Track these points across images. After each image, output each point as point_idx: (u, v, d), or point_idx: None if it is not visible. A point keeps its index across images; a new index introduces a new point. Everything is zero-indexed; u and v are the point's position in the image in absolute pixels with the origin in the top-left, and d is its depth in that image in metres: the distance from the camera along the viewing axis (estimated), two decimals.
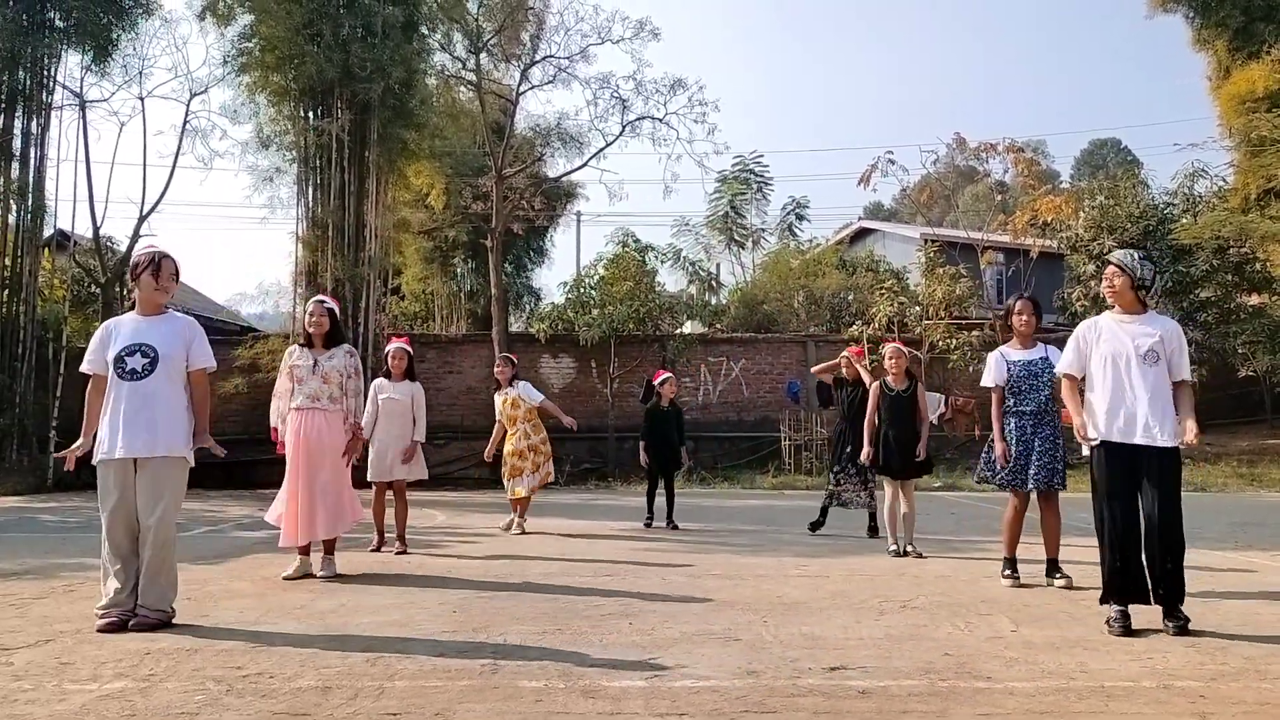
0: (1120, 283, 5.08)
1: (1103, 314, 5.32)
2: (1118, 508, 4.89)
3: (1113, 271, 5.12)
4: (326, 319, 6.73)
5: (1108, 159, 53.19)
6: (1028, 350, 6.50)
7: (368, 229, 19.35)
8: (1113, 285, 5.12)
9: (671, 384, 10.64)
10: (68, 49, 18.35)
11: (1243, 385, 22.36)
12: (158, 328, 5.11)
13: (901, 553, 7.73)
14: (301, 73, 17.98)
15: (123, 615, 4.84)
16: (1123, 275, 5.07)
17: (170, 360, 5.05)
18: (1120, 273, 5.08)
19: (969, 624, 4.99)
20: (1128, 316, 5.11)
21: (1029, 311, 6.53)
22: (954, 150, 23.89)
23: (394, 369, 8.32)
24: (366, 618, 5.15)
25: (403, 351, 8.41)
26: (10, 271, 17.63)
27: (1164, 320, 5.23)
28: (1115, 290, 5.12)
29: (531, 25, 22.32)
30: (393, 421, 8.15)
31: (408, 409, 8.20)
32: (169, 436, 4.99)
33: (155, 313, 5.19)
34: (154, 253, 5.18)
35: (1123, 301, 5.12)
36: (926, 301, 21.00)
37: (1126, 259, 5.16)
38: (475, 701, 3.54)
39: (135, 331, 5.08)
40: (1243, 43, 20.89)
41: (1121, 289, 5.09)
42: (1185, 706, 3.51)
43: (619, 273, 21.16)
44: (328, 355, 6.67)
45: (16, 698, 3.58)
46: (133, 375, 4.96)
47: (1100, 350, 5.08)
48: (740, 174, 34.28)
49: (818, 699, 3.59)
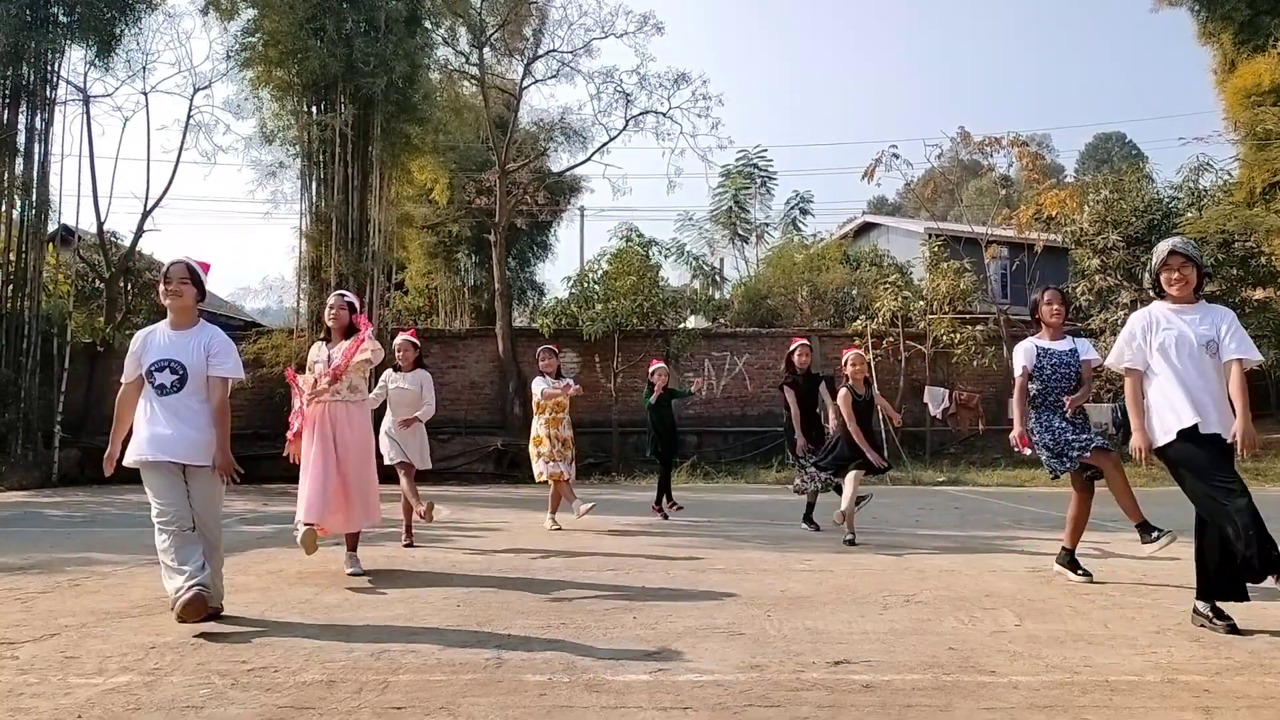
0: (1191, 274, 4.85)
1: (1154, 305, 5.03)
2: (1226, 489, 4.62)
3: (1183, 262, 4.86)
4: (345, 312, 6.69)
5: (1112, 153, 53.04)
6: (1058, 341, 6.37)
7: (371, 224, 19.37)
8: (1185, 277, 4.85)
9: (663, 374, 10.74)
10: (71, 44, 18.36)
11: (1248, 380, 22.28)
12: (187, 342, 5.09)
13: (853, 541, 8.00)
14: (305, 67, 17.99)
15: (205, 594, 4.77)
16: (1192, 266, 4.86)
17: (198, 376, 5.05)
18: (1190, 263, 4.86)
19: (973, 618, 4.99)
20: (1183, 307, 4.90)
21: (1059, 301, 6.38)
22: (958, 144, 23.75)
23: (403, 361, 8.38)
24: (371, 612, 5.16)
25: (408, 343, 8.48)
26: (15, 267, 17.66)
27: (1220, 309, 4.98)
28: (1186, 281, 4.86)
29: (534, 19, 22.32)
30: (399, 410, 8.22)
31: (416, 398, 8.26)
32: (205, 447, 4.99)
33: (186, 323, 5.16)
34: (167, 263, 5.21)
35: (1187, 293, 4.89)
36: (930, 296, 20.97)
37: (1192, 248, 4.96)
38: (479, 695, 3.55)
39: (166, 346, 5.06)
40: (1249, 36, 20.82)
41: (1192, 280, 4.86)
42: (1189, 701, 3.50)
43: (622, 267, 21.16)
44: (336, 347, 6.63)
45: (22, 692, 3.59)
46: (161, 390, 4.97)
47: (1159, 341, 4.84)
48: (744, 168, 34.28)
49: (821, 693, 3.59)
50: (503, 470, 18.47)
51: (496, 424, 20.04)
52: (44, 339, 17.72)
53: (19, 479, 15.75)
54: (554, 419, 9.57)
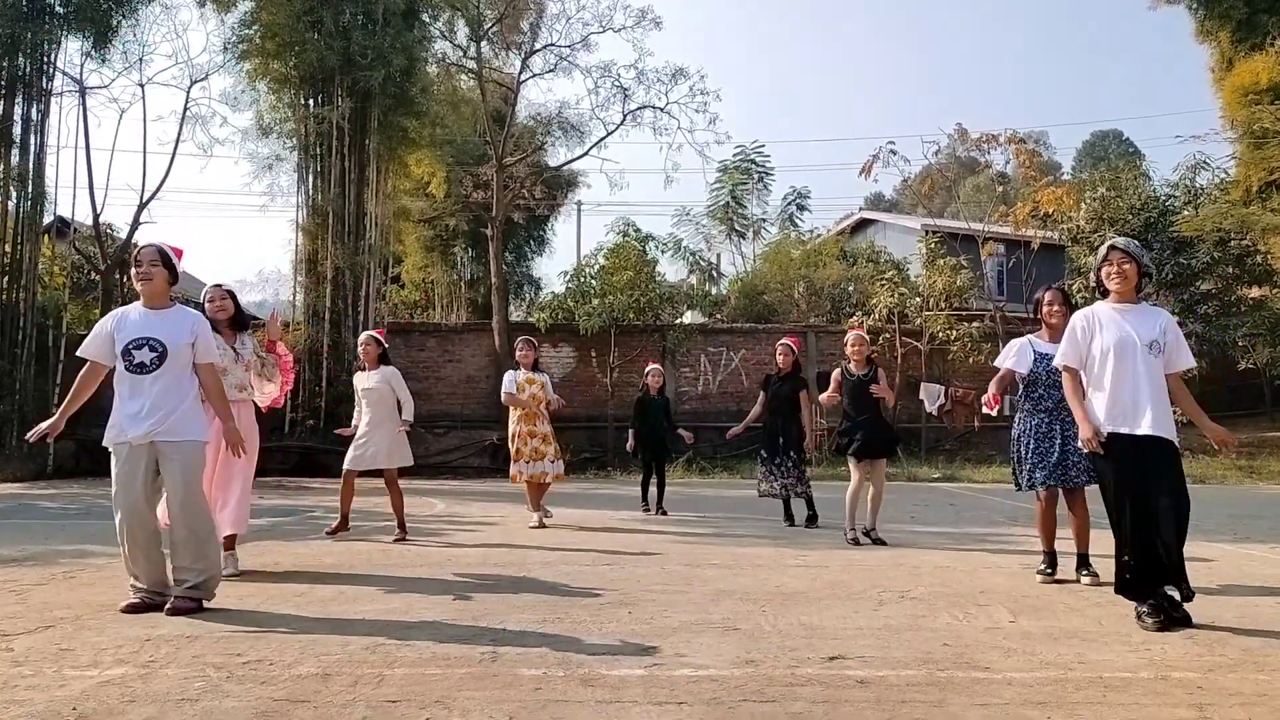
0: (1130, 270, 4.92)
1: (1096, 304, 5.12)
2: (1123, 502, 4.75)
3: (1122, 258, 4.93)
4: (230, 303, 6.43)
5: (1109, 150, 53.11)
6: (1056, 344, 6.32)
7: (368, 217, 19.36)
8: (1124, 272, 4.92)
9: (656, 375, 10.70)
10: (68, 35, 18.33)
11: (1243, 378, 22.37)
12: (166, 321, 5.10)
13: (859, 540, 7.85)
14: (302, 60, 17.97)
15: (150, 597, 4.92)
16: (1131, 262, 4.93)
17: (178, 354, 5.05)
18: (1129, 259, 4.93)
19: (967, 614, 5.00)
20: (1126, 306, 4.98)
21: (1060, 302, 6.25)
22: (955, 141, 23.78)
23: (365, 357, 8.31)
24: (366, 605, 5.16)
25: (371, 339, 8.41)
26: (10, 258, 17.63)
27: (1160, 311, 5.10)
28: (1125, 277, 4.92)
29: (532, 13, 22.28)
30: (373, 411, 8.13)
31: (386, 395, 8.16)
32: (184, 422, 5.01)
33: (159, 305, 5.16)
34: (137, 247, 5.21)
35: (1126, 289, 4.96)
36: (927, 292, 21.00)
37: (1134, 246, 5.03)
38: (474, 689, 3.55)
39: (143, 325, 5.06)
40: (1246, 34, 20.88)
41: (1131, 276, 4.93)
42: (1183, 698, 3.51)
43: (619, 262, 21.15)
44: (239, 342, 6.45)
45: (16, 683, 3.59)
46: (141, 369, 4.96)
47: (1102, 341, 4.91)
48: (741, 164, 34.24)
49: (816, 688, 3.60)
50: (498, 464, 18.42)
51: (492, 418, 20.00)
52: (39, 331, 17.70)
53: (14, 471, 15.74)
54: (529, 414, 9.27)
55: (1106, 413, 4.85)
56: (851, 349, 8.24)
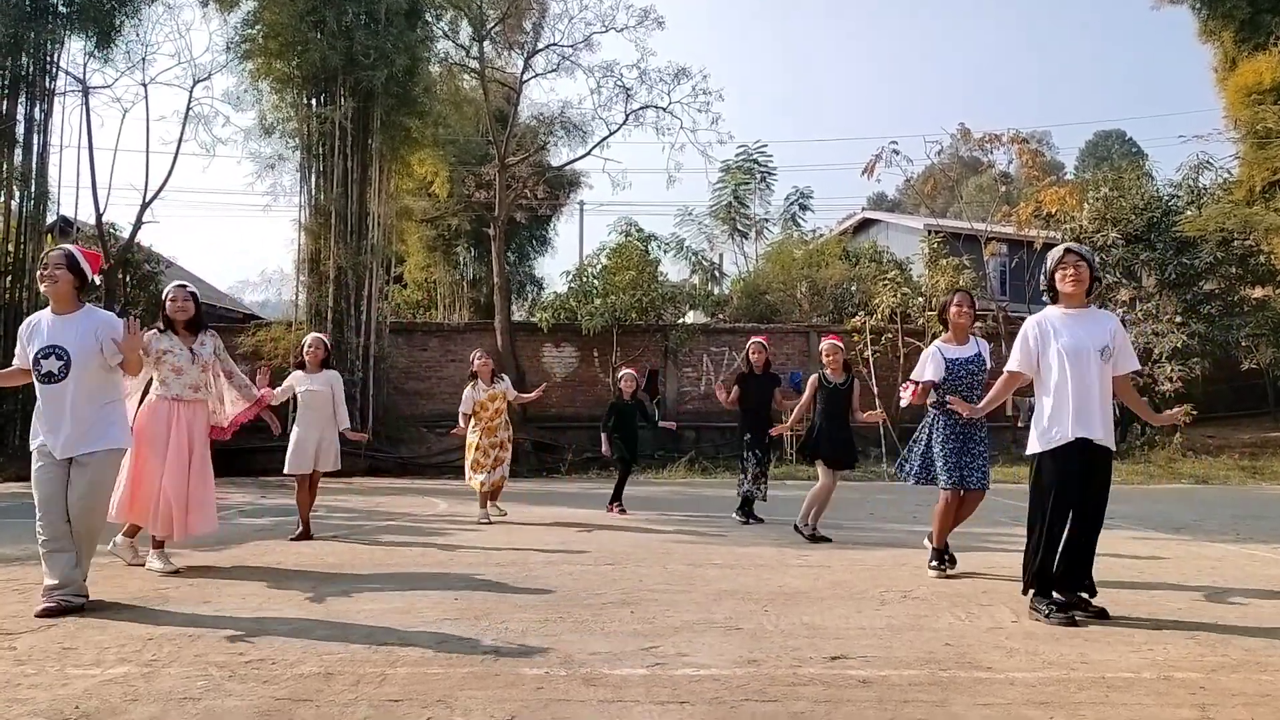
0: (1084, 272, 4.95)
1: (1047, 310, 5.12)
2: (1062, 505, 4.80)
3: (1076, 260, 4.96)
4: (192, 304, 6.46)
5: (1112, 150, 53.00)
6: (963, 346, 6.37)
7: (370, 217, 19.35)
8: (1079, 275, 4.94)
9: (629, 380, 10.83)
10: (71, 34, 18.35)
11: (1246, 378, 22.36)
12: (72, 327, 5.07)
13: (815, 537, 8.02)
14: (305, 60, 17.97)
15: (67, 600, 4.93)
16: (1085, 265, 4.96)
17: (85, 360, 5.03)
18: (1083, 262, 4.97)
19: (970, 614, 5.00)
20: (1076, 311, 4.99)
21: (968, 304, 6.43)
22: (958, 141, 23.77)
23: (309, 359, 8.23)
24: (368, 605, 5.16)
25: (319, 341, 8.38)
26: (14, 257, 17.65)
27: (1108, 315, 5.13)
28: (1080, 279, 4.95)
29: (535, 13, 22.30)
30: (314, 413, 8.09)
31: (328, 400, 8.15)
32: (100, 432, 5.05)
33: (67, 309, 5.14)
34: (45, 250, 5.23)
35: (1079, 293, 4.97)
36: (929, 293, 20.97)
37: (1086, 250, 5.08)
38: (476, 689, 3.55)
39: (50, 332, 5.05)
40: (1250, 34, 20.83)
41: (1084, 279, 4.96)
42: (1185, 698, 3.51)
43: (622, 262, 21.15)
44: (199, 343, 6.45)
45: (19, 682, 3.59)
46: (49, 378, 4.97)
47: (1057, 346, 4.91)
48: (744, 164, 34.21)
49: (819, 688, 3.60)
50: None
51: None
52: None
53: (17, 470, 15.70)
54: (489, 427, 9.57)
55: (1072, 417, 4.81)
56: (828, 357, 8.32)
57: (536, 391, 10.01)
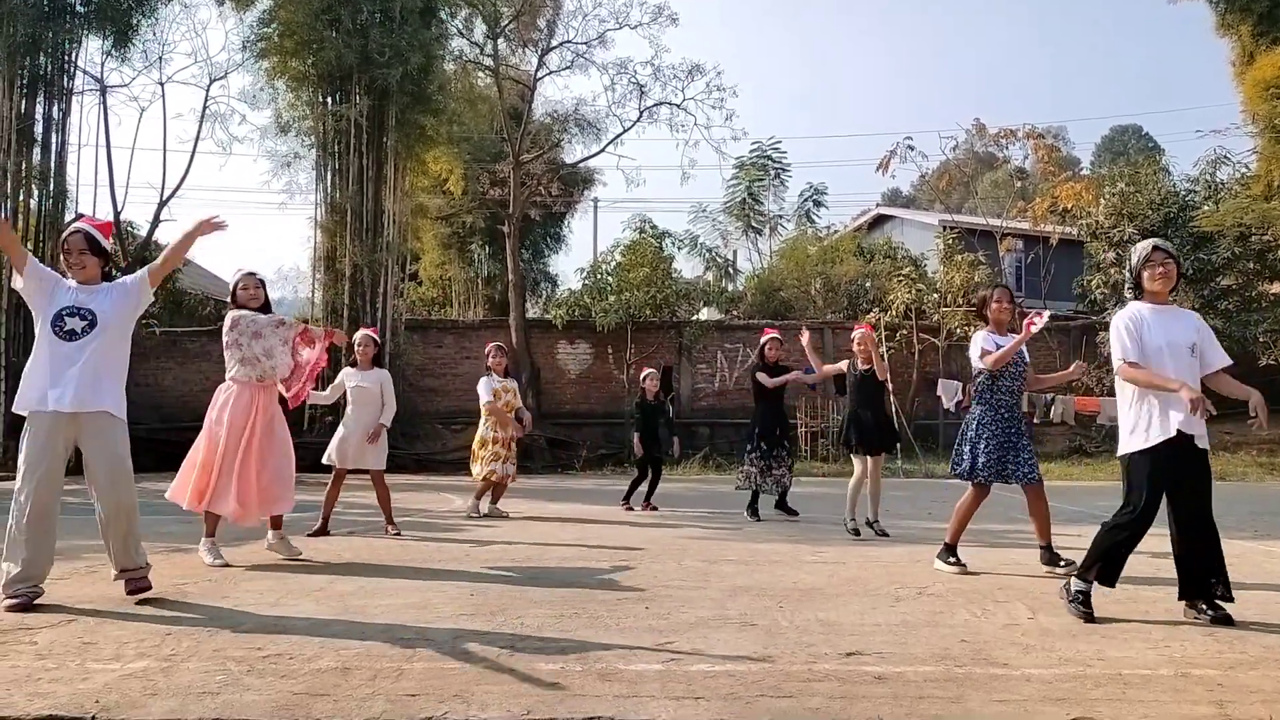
0: (1173, 271, 4.90)
1: (1137, 304, 4.99)
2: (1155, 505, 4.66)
3: (1164, 257, 4.89)
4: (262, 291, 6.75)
5: (1129, 145, 52.59)
6: (1006, 339, 6.34)
7: (386, 215, 19.42)
8: (1168, 273, 4.88)
9: (654, 379, 10.87)
10: (88, 34, 18.48)
11: (1264, 374, 22.14)
12: (101, 297, 5.08)
13: (859, 530, 7.99)
14: (320, 58, 18.04)
15: (33, 592, 4.82)
16: (1173, 262, 4.90)
17: (109, 326, 5.01)
18: (1170, 259, 4.90)
19: (985, 611, 4.99)
20: (1162, 307, 4.93)
21: (1008, 299, 6.42)
22: (973, 136, 23.78)
23: (360, 356, 8.29)
24: (385, 600, 5.18)
25: (369, 339, 8.40)
26: (32, 255, 17.76)
27: (1190, 313, 5.07)
28: (1169, 277, 4.88)
29: (549, 10, 22.36)
30: (363, 410, 8.14)
31: (377, 397, 8.19)
32: (111, 393, 4.98)
33: (93, 284, 5.15)
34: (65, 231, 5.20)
35: (1166, 291, 4.92)
36: (945, 289, 20.92)
37: (1173, 248, 5.00)
38: (493, 684, 3.56)
39: (78, 297, 5.03)
40: (1268, 27, 20.64)
41: (1173, 277, 4.90)
42: (1203, 695, 3.50)
43: (636, 259, 21.17)
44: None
45: (40, 677, 3.62)
46: (70, 336, 4.91)
47: (1152, 342, 4.80)
48: (758, 160, 34.14)
49: (833, 684, 3.60)
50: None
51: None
52: None
53: None
54: (504, 420, 9.63)
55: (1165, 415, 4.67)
56: (859, 346, 8.38)
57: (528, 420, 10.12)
